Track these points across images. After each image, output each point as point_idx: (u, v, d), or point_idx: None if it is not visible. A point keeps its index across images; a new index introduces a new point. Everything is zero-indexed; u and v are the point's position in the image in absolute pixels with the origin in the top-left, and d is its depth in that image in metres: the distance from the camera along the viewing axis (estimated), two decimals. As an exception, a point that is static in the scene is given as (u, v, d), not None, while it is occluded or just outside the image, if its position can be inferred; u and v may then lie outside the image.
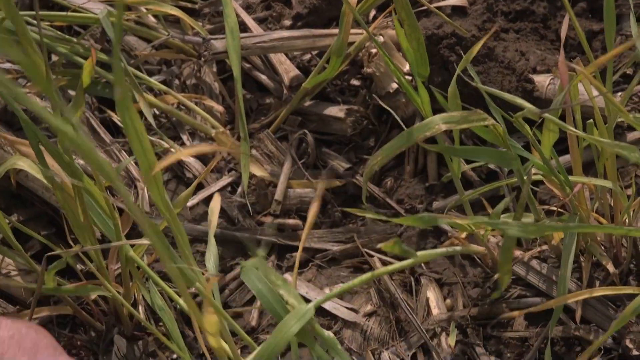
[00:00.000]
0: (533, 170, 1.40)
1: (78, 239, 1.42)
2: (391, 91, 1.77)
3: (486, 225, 1.44)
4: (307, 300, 1.54)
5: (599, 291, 1.38)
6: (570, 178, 1.42)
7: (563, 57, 1.38)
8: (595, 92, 1.48)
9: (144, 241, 1.33)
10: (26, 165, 1.32)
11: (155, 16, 2.00)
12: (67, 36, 1.83)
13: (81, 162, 1.63)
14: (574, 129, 1.32)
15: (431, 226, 1.71)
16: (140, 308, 1.59)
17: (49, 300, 1.63)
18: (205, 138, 1.85)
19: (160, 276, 1.59)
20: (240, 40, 1.77)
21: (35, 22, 1.78)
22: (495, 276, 1.58)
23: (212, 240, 1.35)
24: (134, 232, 1.69)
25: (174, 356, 1.57)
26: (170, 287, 1.47)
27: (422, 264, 1.67)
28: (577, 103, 1.31)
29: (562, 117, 1.41)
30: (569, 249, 1.42)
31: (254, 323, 1.61)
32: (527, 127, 1.37)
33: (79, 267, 1.57)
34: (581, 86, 1.57)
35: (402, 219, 1.17)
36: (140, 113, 1.72)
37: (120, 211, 1.57)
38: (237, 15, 1.96)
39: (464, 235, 1.60)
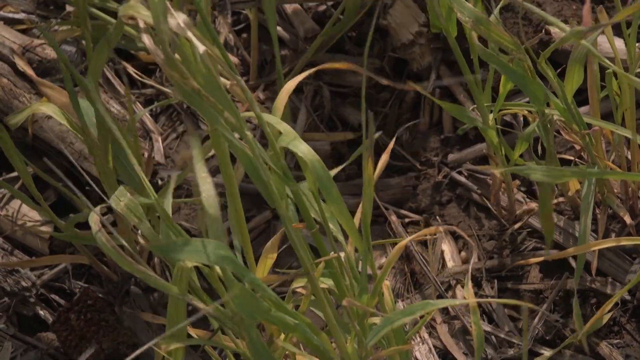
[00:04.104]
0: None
1: (104, 187, 1.40)
2: (407, 43, 1.76)
3: (510, 171, 1.44)
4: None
5: (619, 241, 1.38)
6: (587, 120, 1.41)
7: (588, 6, 1.36)
8: (617, 42, 1.48)
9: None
10: (50, 110, 1.30)
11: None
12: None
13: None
14: (608, 62, 1.31)
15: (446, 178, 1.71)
16: (156, 259, 1.59)
17: (65, 251, 1.63)
18: (219, 90, 1.84)
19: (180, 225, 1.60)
20: (255, -10, 1.76)
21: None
22: (511, 229, 1.59)
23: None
24: (151, 183, 1.69)
25: (190, 308, 1.58)
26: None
27: (437, 217, 1.67)
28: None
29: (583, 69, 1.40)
30: (588, 198, 1.42)
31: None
32: (551, 71, 1.36)
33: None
34: (600, 37, 1.55)
35: None
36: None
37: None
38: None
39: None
